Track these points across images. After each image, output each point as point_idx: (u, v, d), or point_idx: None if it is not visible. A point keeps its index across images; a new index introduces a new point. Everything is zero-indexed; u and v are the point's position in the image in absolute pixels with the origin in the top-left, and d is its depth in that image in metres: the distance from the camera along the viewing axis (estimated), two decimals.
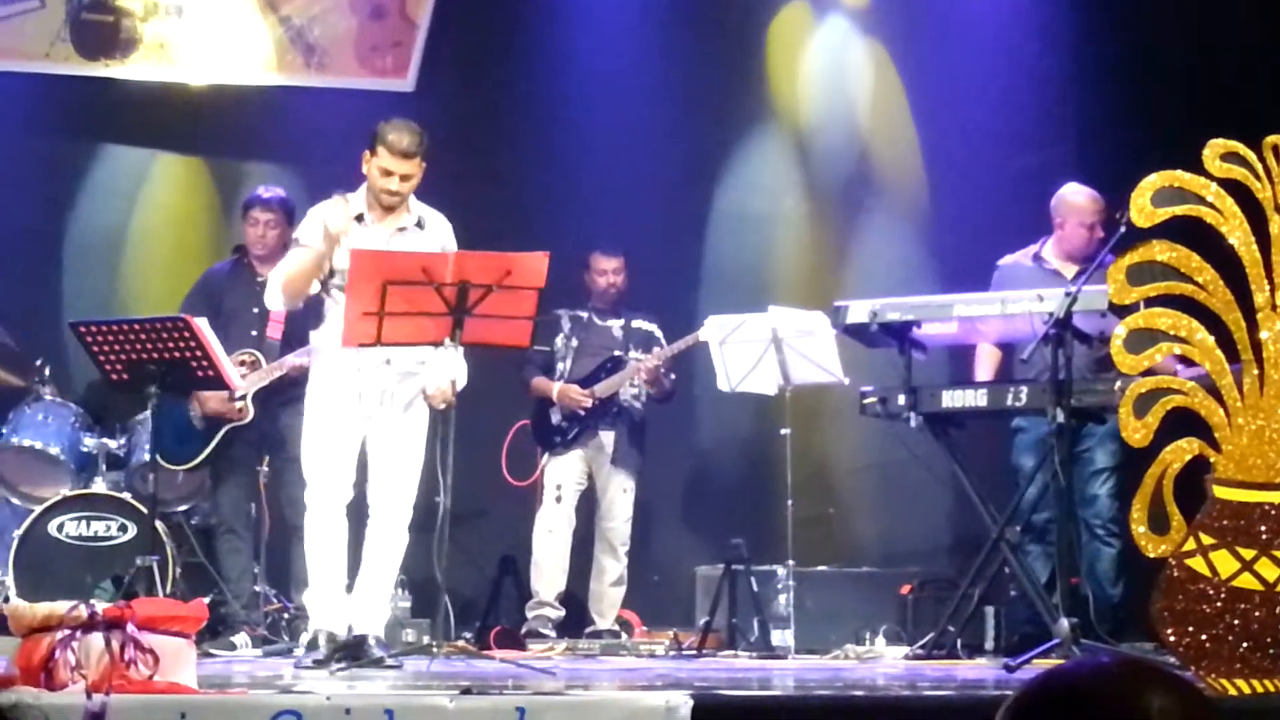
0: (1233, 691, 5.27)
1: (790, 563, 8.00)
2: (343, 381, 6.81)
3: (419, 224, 6.91)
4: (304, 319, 7.25)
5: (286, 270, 6.88)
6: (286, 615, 8.05)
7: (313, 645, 6.77)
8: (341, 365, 6.80)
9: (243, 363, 7.92)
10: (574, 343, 8.90)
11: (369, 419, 6.84)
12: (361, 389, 6.80)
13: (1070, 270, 7.89)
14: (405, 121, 6.84)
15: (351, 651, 6.56)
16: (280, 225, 8.17)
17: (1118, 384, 6.68)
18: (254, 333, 8.06)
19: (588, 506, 8.87)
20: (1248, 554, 5.28)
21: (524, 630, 8.60)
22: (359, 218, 6.83)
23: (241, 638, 7.78)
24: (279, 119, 9.68)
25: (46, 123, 9.66)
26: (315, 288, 6.85)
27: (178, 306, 8.14)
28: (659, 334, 8.88)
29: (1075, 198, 8.04)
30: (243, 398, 7.93)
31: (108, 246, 9.78)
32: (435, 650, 6.47)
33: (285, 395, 7.84)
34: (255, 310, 7.97)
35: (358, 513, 6.89)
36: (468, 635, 8.20)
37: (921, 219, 9.78)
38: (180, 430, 7.98)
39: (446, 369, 6.66)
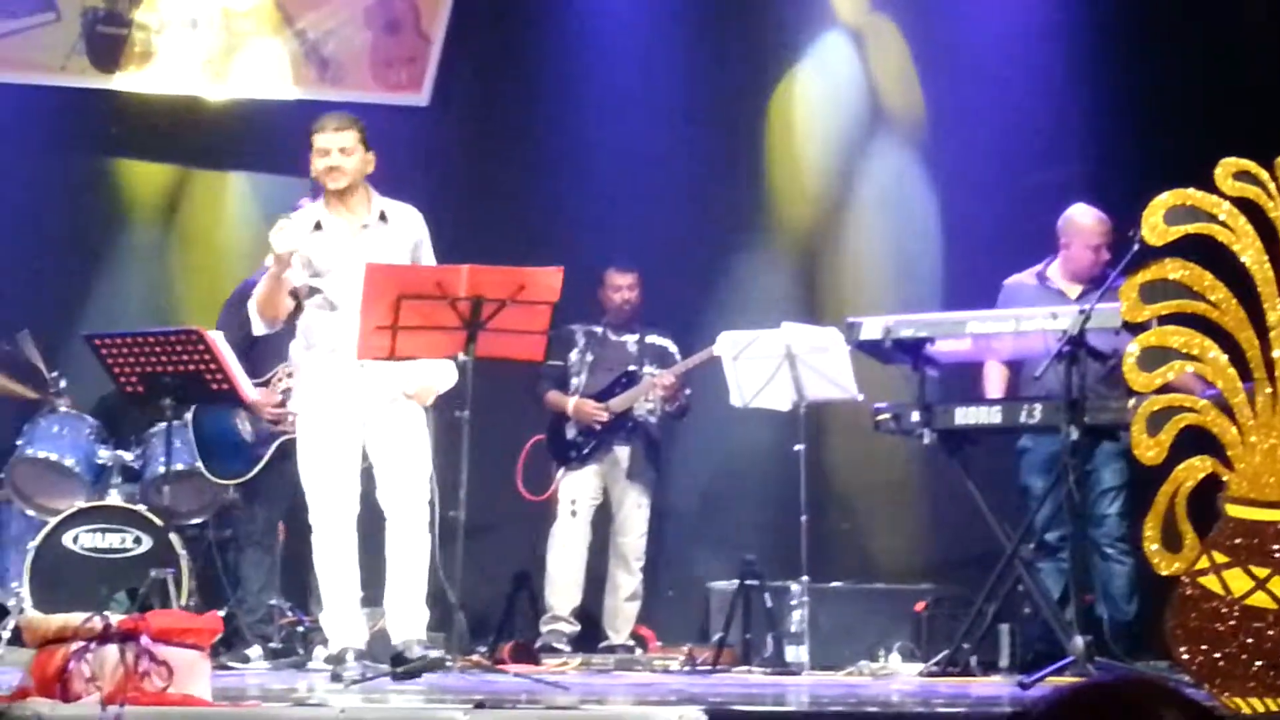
0: (1246, 710, 5.26)
1: (805, 579, 7.98)
2: (333, 392, 6.76)
3: (382, 217, 6.87)
4: None
5: (255, 296, 6.85)
6: (301, 628, 8.05)
7: (339, 660, 6.67)
8: (328, 376, 6.76)
9: (290, 374, 7.89)
10: (589, 358, 8.91)
11: (365, 425, 6.80)
12: (357, 392, 6.76)
13: (1075, 290, 7.85)
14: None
15: (398, 662, 6.56)
16: None
17: (1131, 401, 6.68)
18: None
19: (602, 521, 8.87)
20: (1261, 572, 5.28)
21: (538, 645, 8.61)
22: (317, 225, 6.81)
23: (256, 650, 7.78)
24: (293, 132, 9.67)
25: (61, 135, 9.69)
26: (292, 304, 6.84)
27: (200, 320, 8.10)
28: (673, 349, 8.89)
29: (1082, 219, 7.98)
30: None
31: (120, 259, 9.80)
32: (449, 665, 6.47)
33: None
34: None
35: (371, 522, 6.88)
36: (482, 650, 8.19)
37: (934, 237, 9.77)
38: (229, 444, 7.95)
39: (426, 371, 6.71)
